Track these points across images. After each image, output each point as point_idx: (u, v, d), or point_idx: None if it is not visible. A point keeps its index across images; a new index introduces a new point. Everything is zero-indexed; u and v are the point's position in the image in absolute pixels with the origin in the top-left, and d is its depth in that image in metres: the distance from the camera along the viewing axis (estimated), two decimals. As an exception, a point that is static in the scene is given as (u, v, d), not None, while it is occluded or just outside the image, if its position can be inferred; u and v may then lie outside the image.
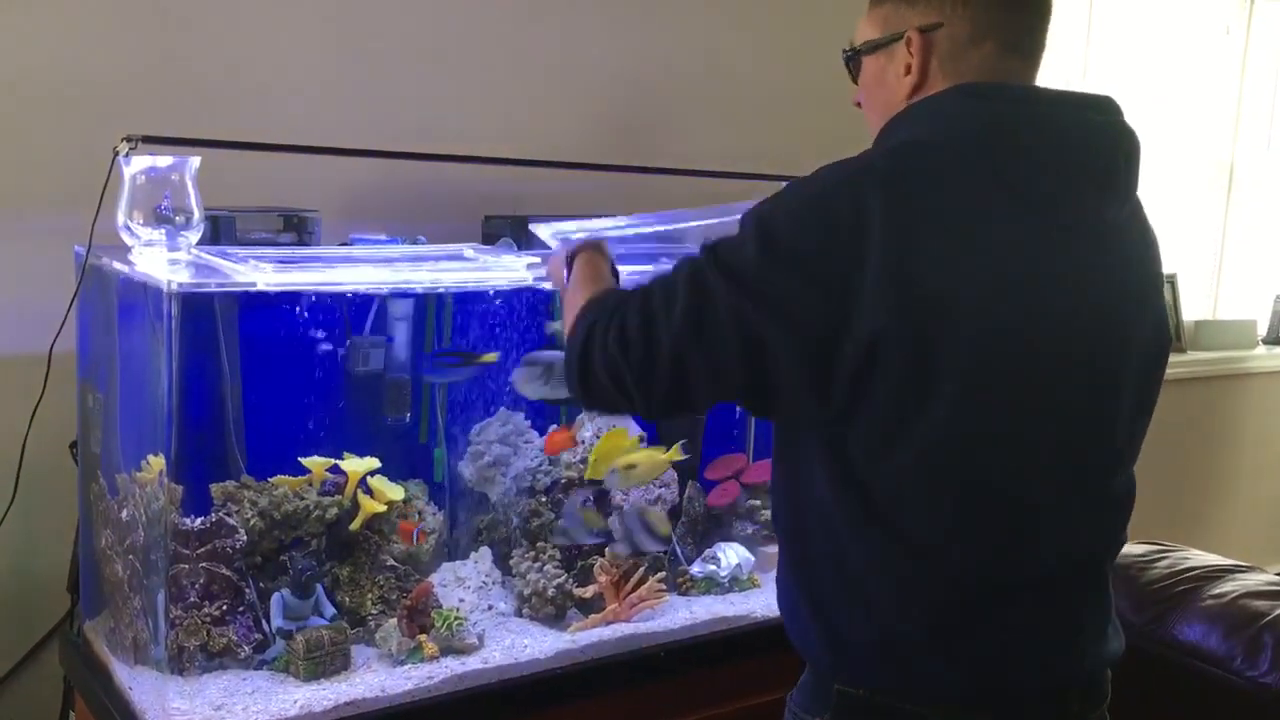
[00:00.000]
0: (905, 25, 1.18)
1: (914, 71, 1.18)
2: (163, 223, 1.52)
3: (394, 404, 1.84)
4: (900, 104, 1.19)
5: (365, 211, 2.10)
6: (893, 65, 1.20)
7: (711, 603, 1.93)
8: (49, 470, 1.87)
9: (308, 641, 1.58)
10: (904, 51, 1.18)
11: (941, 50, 1.17)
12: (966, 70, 1.16)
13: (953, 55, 1.16)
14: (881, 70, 1.22)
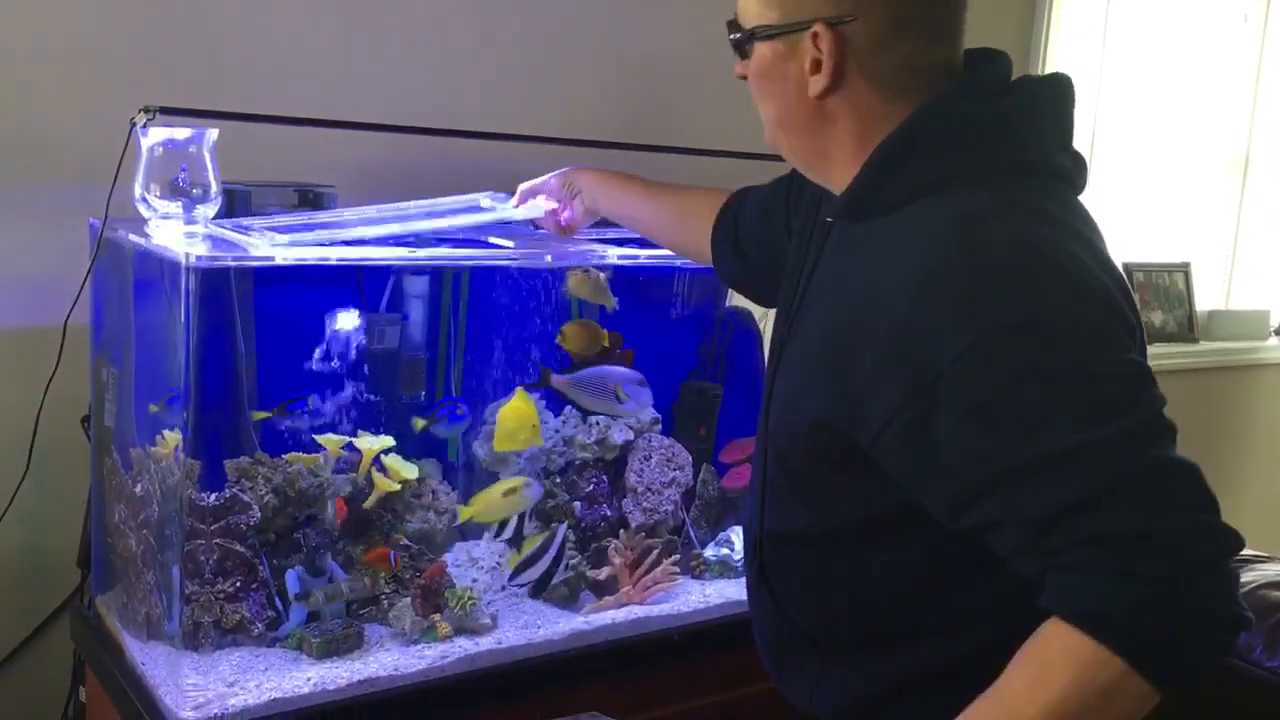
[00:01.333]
0: (808, 14, 1.06)
1: (825, 72, 1.06)
2: (180, 195, 1.50)
3: (409, 382, 1.83)
4: (806, 104, 1.09)
5: (380, 188, 2.08)
6: (795, 59, 1.08)
7: (725, 586, 1.92)
8: (61, 444, 1.86)
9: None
10: (809, 46, 1.06)
11: (857, 46, 1.05)
12: (885, 70, 1.06)
13: (870, 53, 1.05)
14: (780, 60, 1.09)
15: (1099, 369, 0.93)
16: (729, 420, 2.12)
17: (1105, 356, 0.94)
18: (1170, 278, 3.67)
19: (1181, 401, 3.62)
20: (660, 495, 1.93)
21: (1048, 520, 0.91)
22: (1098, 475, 0.89)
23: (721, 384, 2.12)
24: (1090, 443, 0.90)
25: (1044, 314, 0.93)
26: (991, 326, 0.93)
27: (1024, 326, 0.93)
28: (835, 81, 1.07)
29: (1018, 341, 0.93)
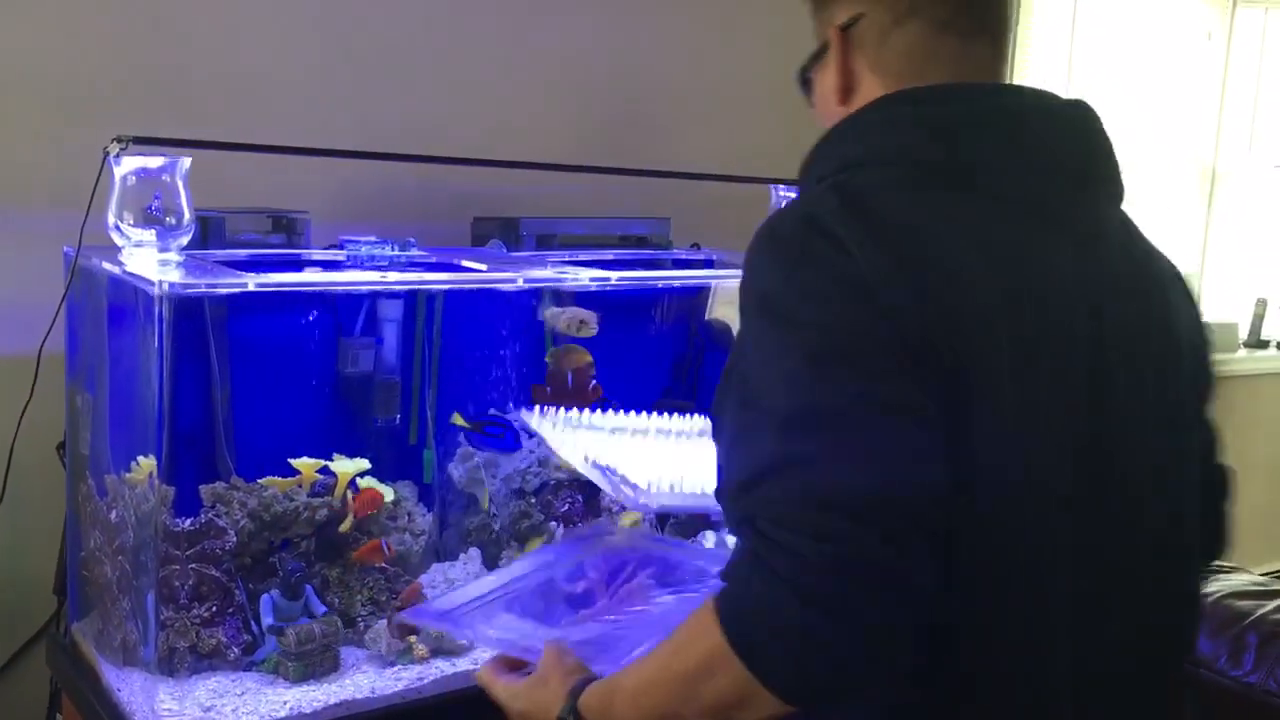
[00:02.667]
0: (827, 27, 1.08)
1: (835, 69, 1.06)
2: (153, 223, 1.52)
3: (383, 405, 1.84)
4: (835, 115, 1.07)
5: (354, 213, 2.10)
6: (827, 75, 1.09)
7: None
8: (36, 472, 1.87)
9: (299, 635, 1.58)
10: (831, 55, 1.08)
11: (863, 41, 1.05)
12: (890, 58, 1.04)
13: (875, 43, 1.04)
14: (822, 85, 1.10)
15: (783, 350, 0.90)
16: (704, 438, 2.15)
17: (793, 337, 0.90)
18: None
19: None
20: (637, 511, 1.95)
21: (728, 492, 0.91)
22: (756, 458, 0.88)
23: (695, 402, 2.14)
24: (751, 423, 0.89)
25: (773, 291, 0.93)
26: (744, 296, 0.95)
27: (760, 299, 0.94)
28: (846, 80, 1.06)
29: (749, 311, 0.95)
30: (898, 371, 0.88)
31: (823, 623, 0.83)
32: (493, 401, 1.91)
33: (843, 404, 0.87)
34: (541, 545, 1.77)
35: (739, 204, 2.29)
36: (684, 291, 2.08)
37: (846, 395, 0.87)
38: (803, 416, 0.88)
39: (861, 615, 0.83)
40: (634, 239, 2.21)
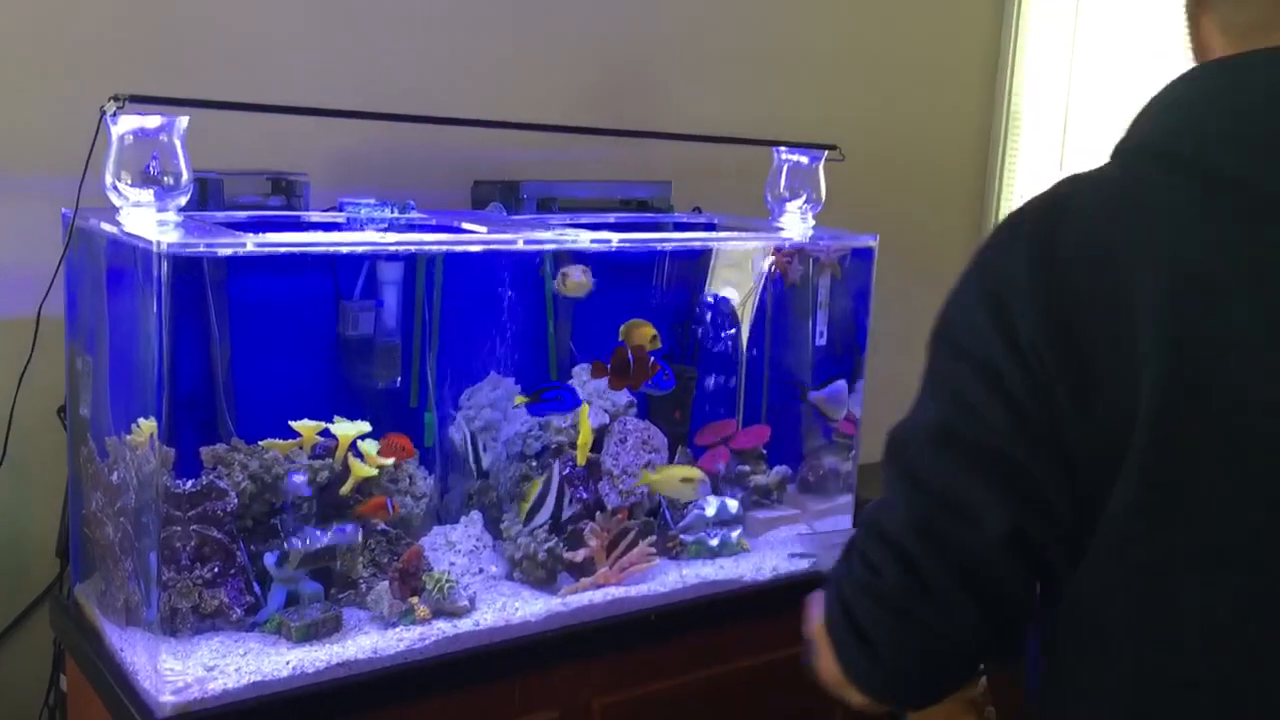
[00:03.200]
0: None
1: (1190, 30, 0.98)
2: (151, 183, 1.51)
3: (384, 368, 1.84)
4: None
5: (354, 176, 2.09)
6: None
7: (701, 567, 1.94)
8: (37, 435, 1.87)
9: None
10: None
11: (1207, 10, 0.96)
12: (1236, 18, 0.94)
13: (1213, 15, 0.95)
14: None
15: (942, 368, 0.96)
16: (704, 403, 2.14)
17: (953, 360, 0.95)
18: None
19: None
20: (636, 477, 1.95)
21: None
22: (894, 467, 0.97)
23: (696, 367, 2.14)
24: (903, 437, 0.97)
25: (950, 302, 0.96)
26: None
27: (945, 306, 0.97)
28: (1197, 40, 0.99)
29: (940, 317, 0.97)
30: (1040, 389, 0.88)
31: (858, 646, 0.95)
32: (494, 365, 1.91)
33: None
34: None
35: (741, 168, 2.28)
36: (685, 254, 2.07)
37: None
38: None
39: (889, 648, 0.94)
40: (635, 203, 2.20)
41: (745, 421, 2.18)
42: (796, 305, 2.15)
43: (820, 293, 2.11)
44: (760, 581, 1.94)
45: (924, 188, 3.03)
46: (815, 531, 2.07)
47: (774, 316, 2.15)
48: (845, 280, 2.12)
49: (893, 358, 2.95)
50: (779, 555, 2.02)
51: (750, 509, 2.09)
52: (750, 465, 2.14)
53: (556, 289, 1.85)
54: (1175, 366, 0.84)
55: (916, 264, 3.03)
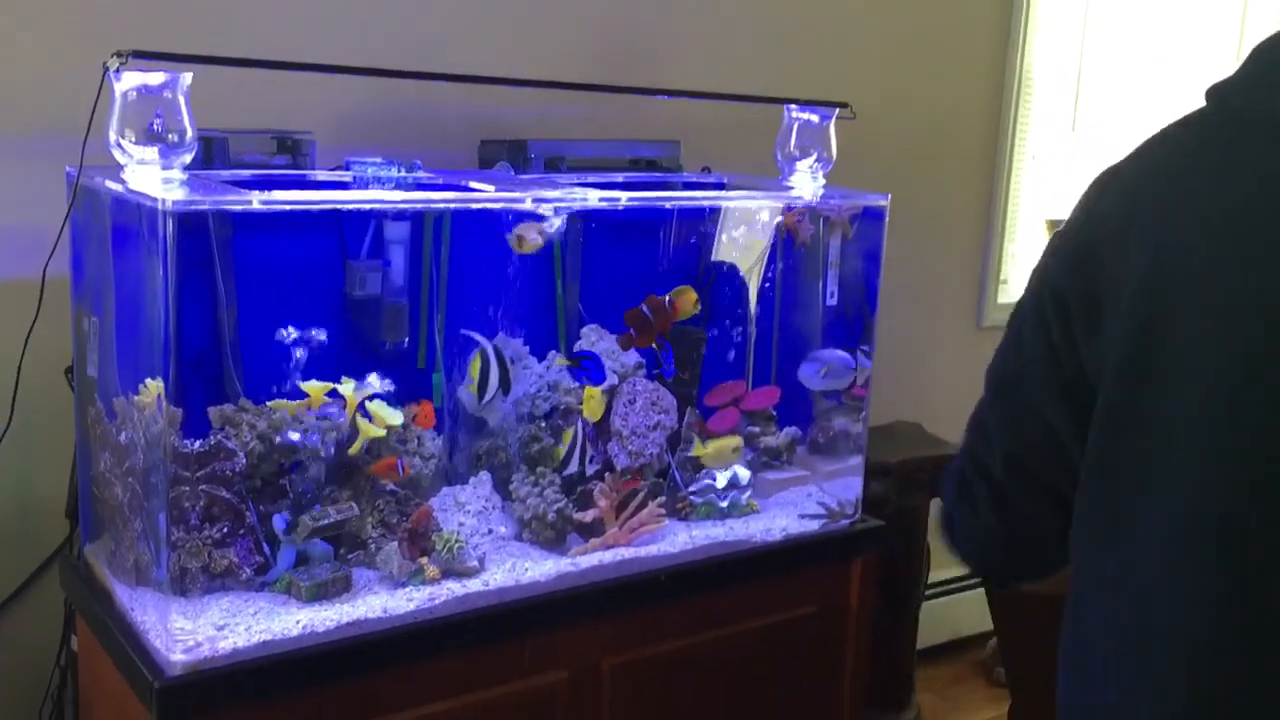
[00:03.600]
0: None
1: None
2: (155, 141, 1.49)
3: (391, 328, 1.83)
4: None
5: (360, 135, 2.07)
6: None
7: (710, 527, 1.93)
8: (45, 396, 1.86)
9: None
10: None
11: None
12: None
13: None
14: None
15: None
16: (713, 364, 2.13)
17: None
18: (1155, 220, 3.65)
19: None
20: (645, 439, 1.94)
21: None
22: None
23: (705, 328, 2.12)
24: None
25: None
26: None
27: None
28: None
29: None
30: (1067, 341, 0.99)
31: (944, 526, 1.19)
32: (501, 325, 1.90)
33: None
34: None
35: (751, 127, 2.25)
36: (694, 214, 2.05)
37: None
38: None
39: (953, 540, 1.17)
40: (644, 162, 2.18)
41: (755, 382, 2.17)
42: (807, 265, 2.13)
43: (831, 252, 2.09)
44: (770, 542, 1.94)
45: (935, 148, 2.99)
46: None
47: (784, 277, 2.14)
48: (856, 240, 2.10)
49: (903, 319, 2.95)
50: (789, 516, 2.01)
51: (759, 470, 2.08)
52: (760, 426, 2.13)
53: (512, 247, 1.81)
54: (1140, 328, 0.92)
55: (927, 225, 3.01)
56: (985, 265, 3.17)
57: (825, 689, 2.04)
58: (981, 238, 3.16)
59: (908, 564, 2.66)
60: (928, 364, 3.12)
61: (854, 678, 2.06)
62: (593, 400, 1.86)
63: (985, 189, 3.14)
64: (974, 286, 3.18)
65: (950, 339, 3.16)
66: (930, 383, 3.12)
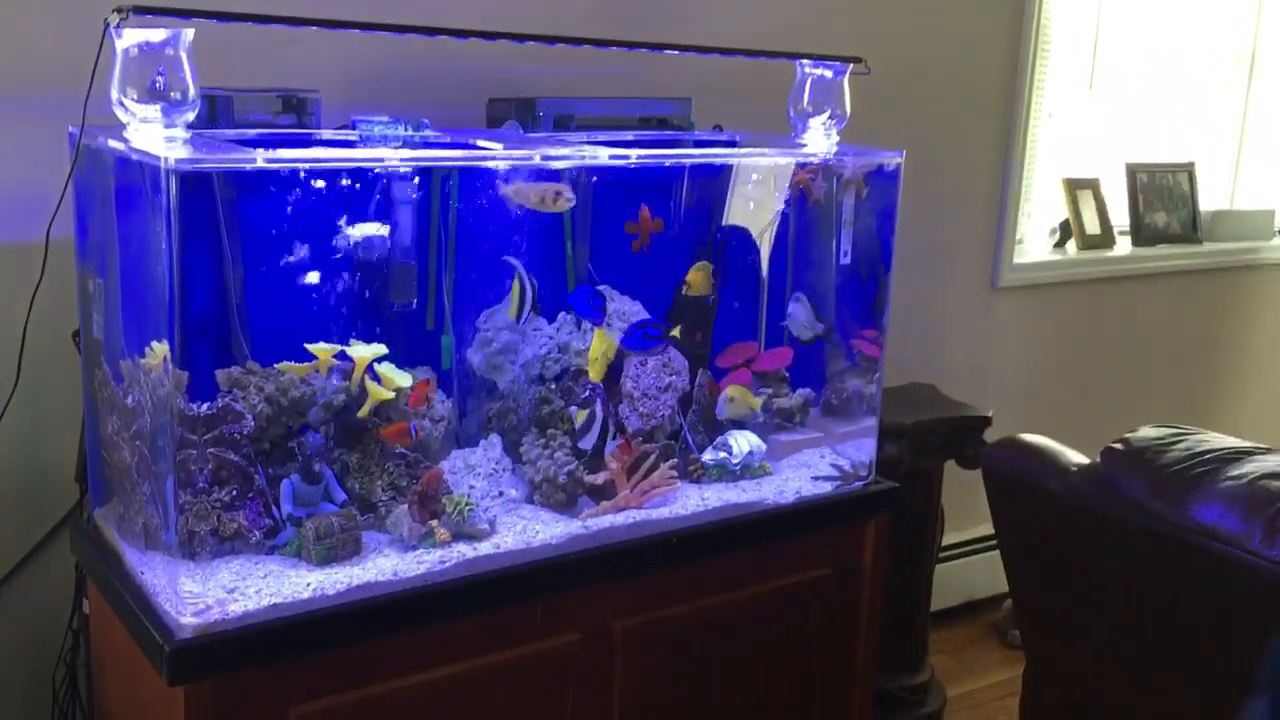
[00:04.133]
0: None
1: None
2: (157, 99, 1.46)
3: (399, 289, 1.81)
4: None
5: (366, 93, 2.05)
6: None
7: (723, 489, 1.91)
8: (52, 360, 1.85)
9: (318, 528, 1.57)
10: None
11: None
12: None
13: None
14: None
15: None
16: (725, 326, 2.11)
17: None
18: (1174, 178, 3.61)
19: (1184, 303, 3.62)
20: (656, 401, 1.92)
21: None
22: None
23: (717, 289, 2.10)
24: None
25: None
26: None
27: None
28: None
29: None
30: None
31: None
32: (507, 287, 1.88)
33: None
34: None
35: (764, 84, 2.21)
36: (706, 172, 2.02)
37: None
38: None
39: None
40: (654, 120, 2.15)
41: (767, 344, 2.15)
42: (820, 224, 2.10)
43: (844, 211, 2.06)
44: (783, 504, 1.92)
45: (950, 105, 2.95)
46: None
47: (797, 236, 2.11)
48: (870, 198, 2.07)
49: (918, 279, 2.92)
50: (802, 478, 1.99)
51: (772, 432, 2.06)
52: (772, 388, 2.10)
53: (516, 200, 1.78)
54: None
55: (942, 184, 2.97)
56: (1001, 225, 3.14)
57: (839, 651, 2.03)
58: (997, 197, 3.12)
59: (921, 526, 2.64)
60: (943, 325, 3.09)
61: (867, 640, 2.05)
62: (596, 363, 1.84)
63: (1001, 147, 3.09)
64: (989, 247, 3.14)
65: (965, 300, 3.13)
66: (945, 344, 3.09)
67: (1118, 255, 3.45)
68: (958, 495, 2.81)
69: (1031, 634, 2.21)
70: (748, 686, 1.94)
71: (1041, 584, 2.09)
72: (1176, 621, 1.79)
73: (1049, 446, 2.03)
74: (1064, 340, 3.38)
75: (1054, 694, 2.15)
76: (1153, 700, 1.89)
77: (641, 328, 1.86)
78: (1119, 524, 1.81)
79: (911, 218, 2.10)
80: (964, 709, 2.78)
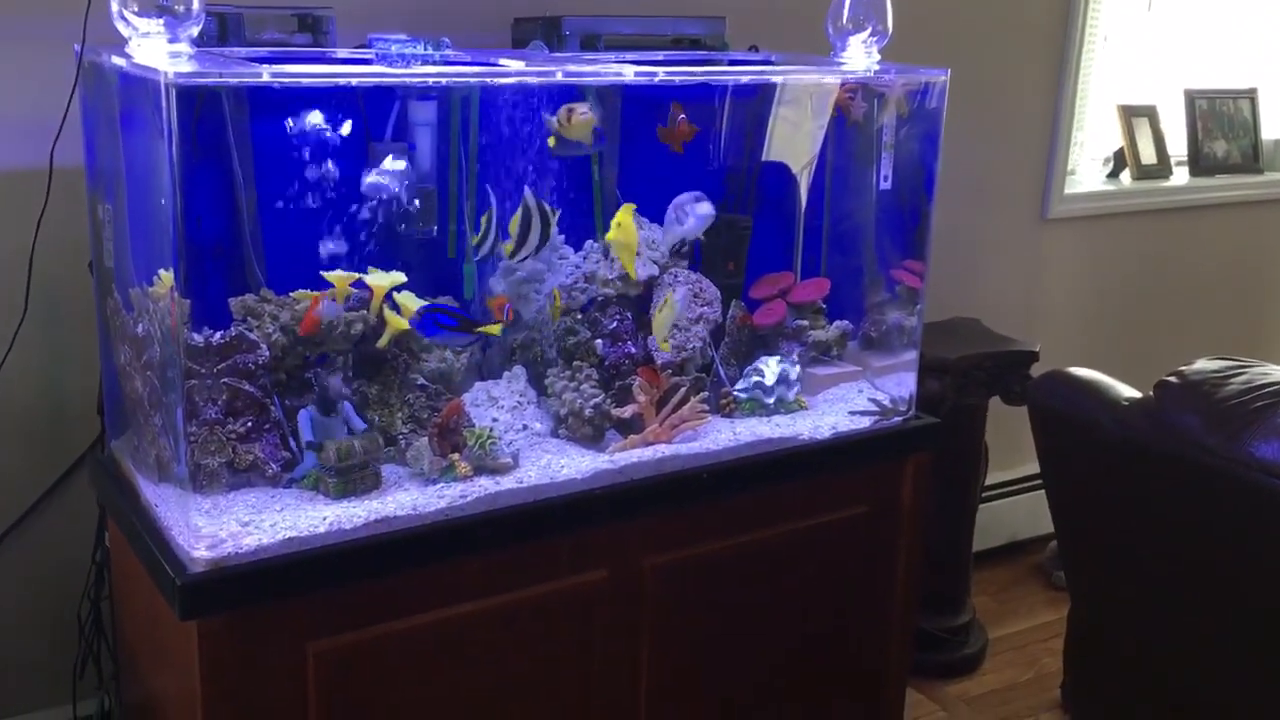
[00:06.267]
0: None
1: None
2: (161, 13, 1.40)
3: (419, 215, 1.74)
4: None
5: (384, 11, 1.97)
6: None
7: (756, 424, 1.85)
8: (68, 289, 1.81)
9: (339, 450, 1.52)
10: None
11: None
12: None
13: None
14: None
15: None
16: (759, 254, 2.03)
17: None
18: (1235, 105, 3.46)
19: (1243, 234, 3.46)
20: (687, 332, 1.85)
21: None
22: None
23: (752, 216, 2.01)
24: None
25: None
26: None
27: None
28: None
29: None
30: None
31: None
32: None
33: None
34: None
35: (801, 3, 2.11)
36: (741, 93, 1.93)
37: None
38: None
39: None
40: (686, 40, 2.05)
41: (804, 273, 2.06)
42: (859, 148, 2.00)
43: (885, 133, 1.96)
44: (819, 440, 1.85)
45: (999, 26, 2.82)
46: None
47: (835, 159, 2.01)
48: (912, 121, 1.96)
49: (963, 209, 2.81)
50: (838, 413, 1.92)
51: (808, 365, 1.99)
52: (809, 320, 2.02)
53: (559, 130, 1.69)
54: None
55: (990, 109, 2.84)
56: (1051, 154, 3.01)
57: (876, 591, 1.97)
58: (1048, 124, 2.99)
59: (964, 465, 2.56)
60: (989, 257, 2.98)
61: (906, 580, 1.99)
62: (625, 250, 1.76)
63: (1052, 72, 2.95)
64: (1039, 176, 3.02)
65: (1013, 232, 3.01)
66: (991, 277, 2.99)
67: (1174, 185, 3.31)
68: (1002, 433, 2.72)
69: (1077, 575, 2.14)
70: (781, 627, 1.89)
71: (1089, 523, 2.01)
72: (1230, 561, 1.71)
73: (1099, 380, 1.94)
74: (1116, 274, 3.26)
75: (1099, 636, 2.08)
76: (1203, 642, 1.82)
77: (433, 313, 1.59)
78: (1173, 460, 1.72)
79: (957, 144, 1.99)
80: (1006, 651, 2.72)
